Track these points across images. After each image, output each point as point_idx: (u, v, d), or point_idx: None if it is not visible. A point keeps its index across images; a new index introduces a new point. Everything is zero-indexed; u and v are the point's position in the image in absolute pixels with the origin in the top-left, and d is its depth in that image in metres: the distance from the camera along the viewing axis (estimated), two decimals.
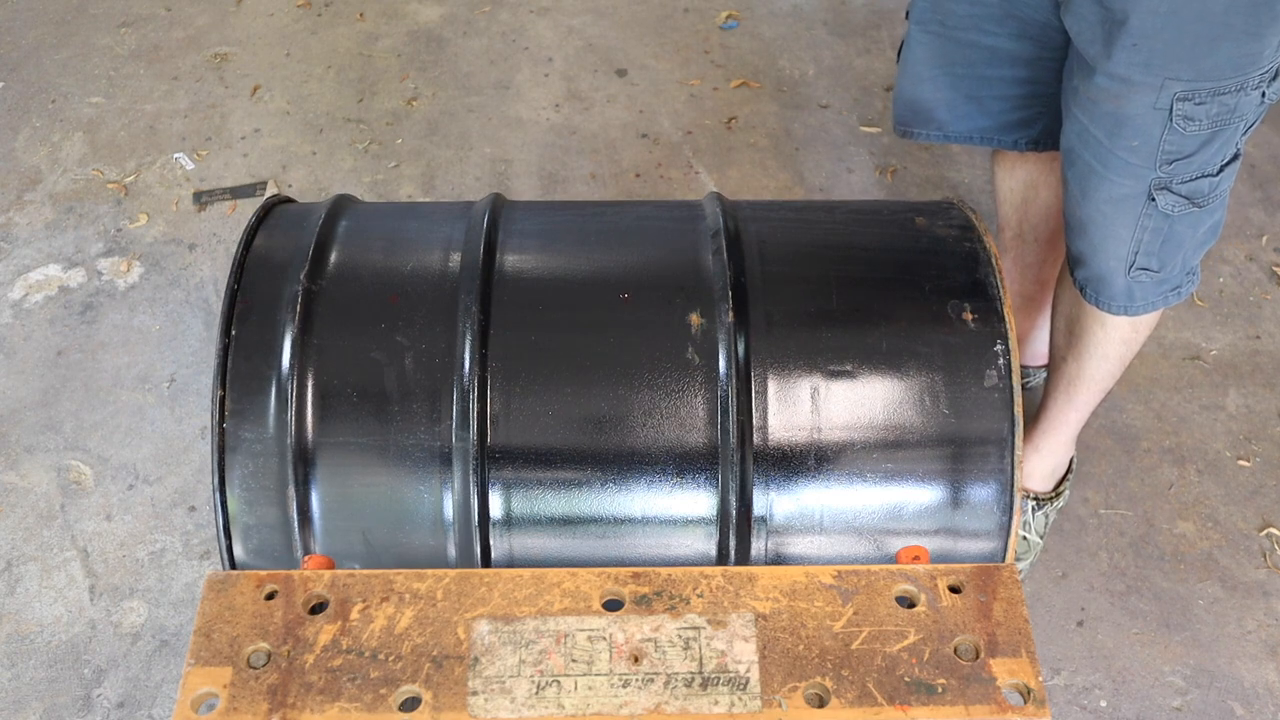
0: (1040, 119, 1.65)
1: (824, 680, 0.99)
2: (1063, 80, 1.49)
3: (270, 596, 1.04)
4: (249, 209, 2.44)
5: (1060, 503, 1.90)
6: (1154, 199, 1.41)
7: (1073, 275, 1.58)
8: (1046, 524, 1.88)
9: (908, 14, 1.64)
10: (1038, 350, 2.08)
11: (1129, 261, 1.49)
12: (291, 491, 1.22)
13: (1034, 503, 1.87)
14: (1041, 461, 1.85)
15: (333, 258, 1.33)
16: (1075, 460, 1.92)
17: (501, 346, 1.25)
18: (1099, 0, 1.31)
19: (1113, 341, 1.62)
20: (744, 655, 1.01)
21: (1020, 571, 1.71)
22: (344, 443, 1.23)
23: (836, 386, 1.25)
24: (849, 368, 1.25)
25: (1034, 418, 1.86)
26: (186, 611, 1.81)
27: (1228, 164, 1.41)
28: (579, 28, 2.92)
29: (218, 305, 2.23)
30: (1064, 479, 1.89)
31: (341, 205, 1.44)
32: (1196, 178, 1.40)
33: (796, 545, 1.26)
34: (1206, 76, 1.30)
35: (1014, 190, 1.84)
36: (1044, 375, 2.10)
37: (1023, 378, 2.11)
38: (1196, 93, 1.31)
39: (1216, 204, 1.46)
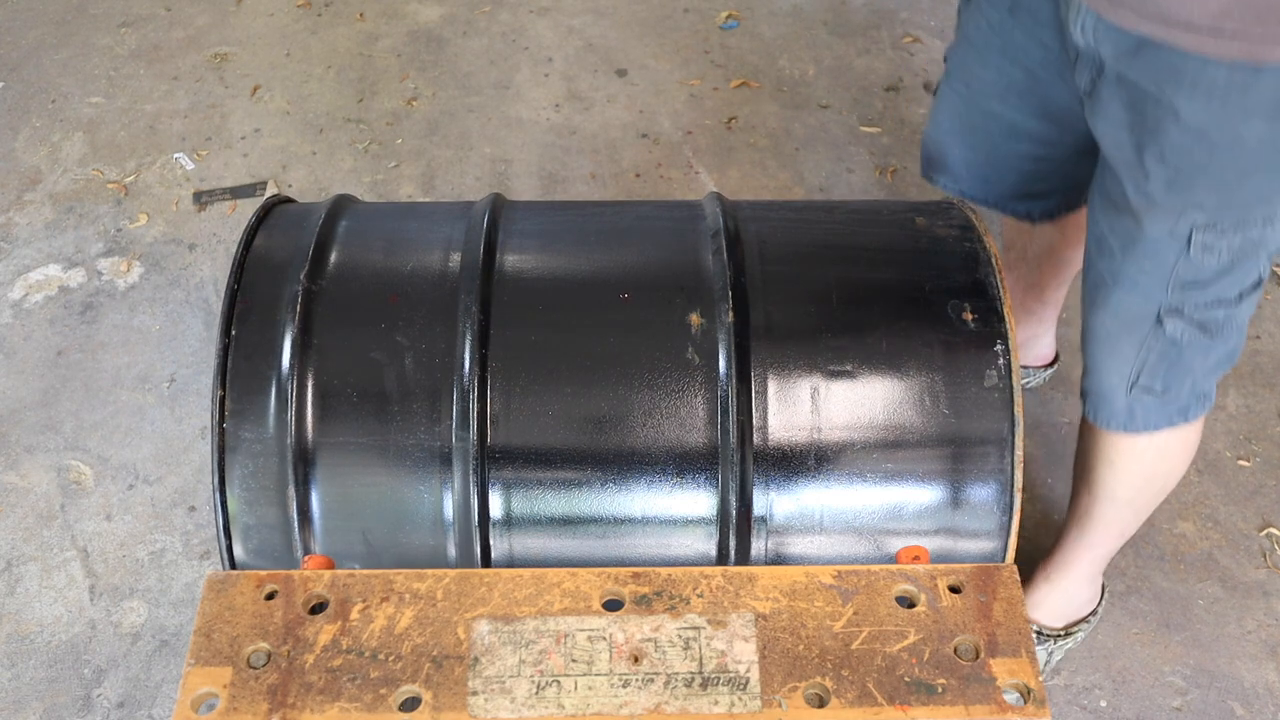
0: (1054, 194, 1.59)
1: (824, 680, 0.99)
2: (1094, 177, 1.38)
3: (270, 596, 1.04)
4: (249, 209, 2.44)
5: (1070, 644, 1.73)
6: (1162, 323, 1.31)
7: (1081, 381, 1.48)
8: (1048, 662, 1.73)
9: (946, 58, 1.57)
10: (1040, 352, 2.07)
11: (1130, 381, 1.39)
12: (291, 491, 1.22)
13: (1036, 634, 1.71)
14: (1052, 591, 1.70)
15: (333, 258, 1.33)
16: (1103, 607, 1.75)
17: (501, 346, 1.25)
18: (1130, 105, 1.20)
19: (1120, 483, 1.51)
20: (744, 655, 1.01)
21: None
22: (344, 443, 1.23)
23: (836, 386, 1.25)
24: (849, 368, 1.25)
25: (1053, 544, 1.72)
26: (186, 611, 1.81)
27: (1249, 291, 1.30)
28: (579, 28, 2.92)
29: (218, 305, 2.23)
30: (1079, 622, 1.73)
31: (341, 205, 1.44)
32: (1212, 305, 1.30)
33: (796, 545, 1.26)
34: (1231, 207, 1.21)
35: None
36: (1044, 375, 2.10)
37: (1022, 378, 2.10)
38: (1219, 224, 1.22)
39: (1231, 332, 1.34)
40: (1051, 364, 2.09)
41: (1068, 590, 1.70)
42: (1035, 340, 2.04)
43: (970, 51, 1.49)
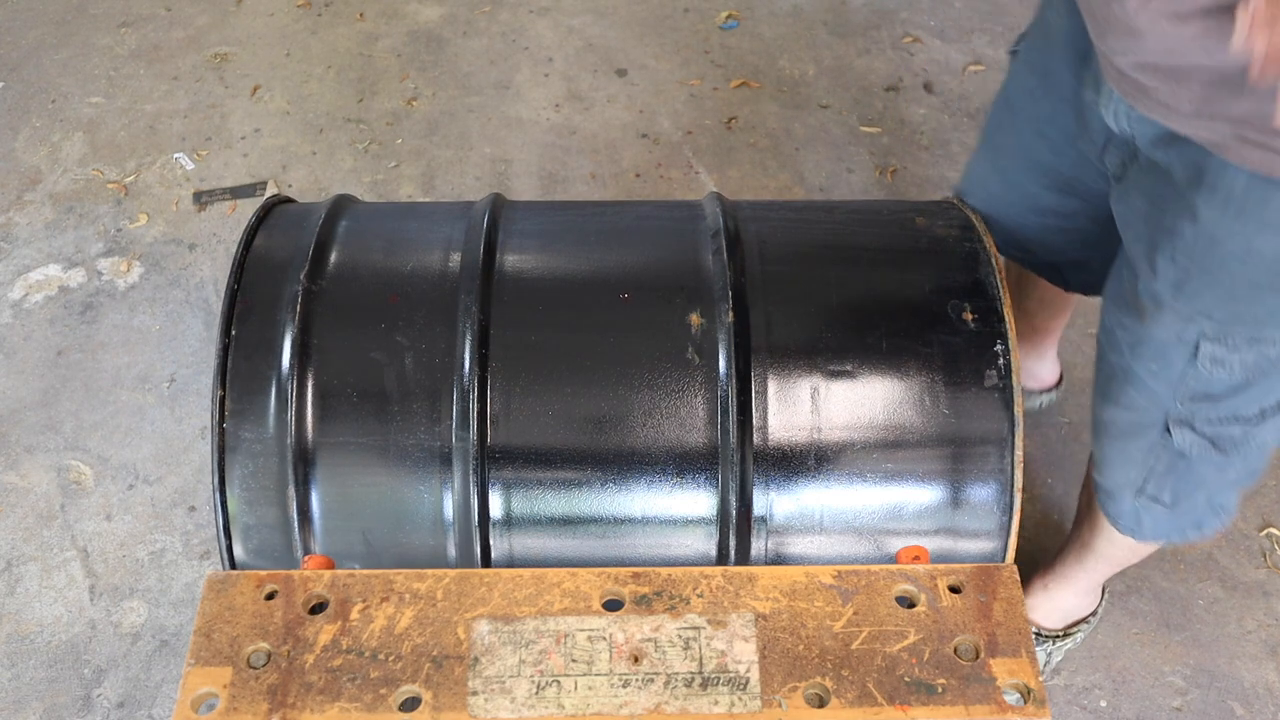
0: (1086, 266, 1.52)
1: (824, 680, 0.99)
2: (1113, 265, 1.32)
3: (270, 596, 1.04)
4: (249, 209, 2.44)
5: (1069, 645, 1.73)
6: (1170, 433, 1.24)
7: (1090, 468, 1.44)
8: (1048, 663, 1.73)
9: (990, 113, 1.53)
10: (1040, 375, 2.04)
11: (1137, 487, 1.34)
12: (291, 491, 1.22)
13: (1035, 635, 1.73)
14: (1049, 599, 1.71)
15: (333, 258, 1.33)
16: (1103, 608, 1.76)
17: (501, 346, 1.25)
18: (1153, 196, 1.16)
19: (1123, 537, 1.48)
20: (744, 655, 1.01)
21: None
22: (344, 443, 1.23)
23: (836, 386, 1.25)
24: (849, 368, 1.25)
25: (1053, 556, 1.72)
26: (186, 611, 1.81)
27: (1273, 411, 1.21)
28: (579, 28, 2.92)
29: (218, 305, 2.23)
30: (1079, 623, 1.73)
31: (341, 205, 1.44)
32: (1226, 421, 1.22)
33: (796, 545, 1.26)
34: (1242, 321, 1.13)
35: None
36: (1045, 399, 2.05)
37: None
38: (1228, 337, 1.14)
39: (1250, 451, 1.25)
40: (1054, 387, 2.06)
41: (1066, 601, 1.71)
42: (1035, 365, 2.00)
43: (1005, 114, 1.45)
